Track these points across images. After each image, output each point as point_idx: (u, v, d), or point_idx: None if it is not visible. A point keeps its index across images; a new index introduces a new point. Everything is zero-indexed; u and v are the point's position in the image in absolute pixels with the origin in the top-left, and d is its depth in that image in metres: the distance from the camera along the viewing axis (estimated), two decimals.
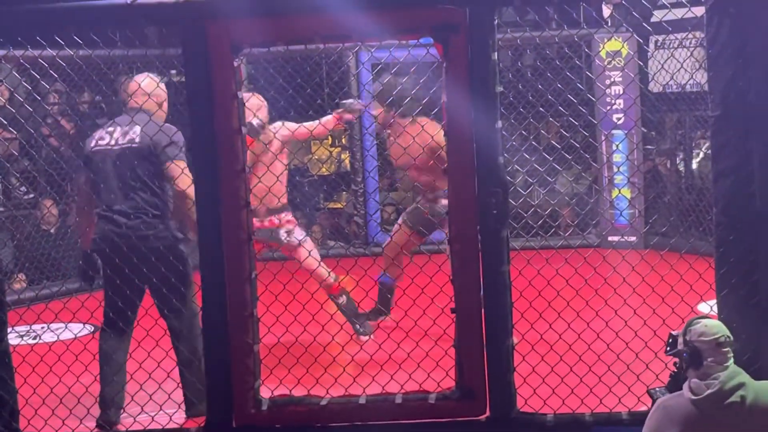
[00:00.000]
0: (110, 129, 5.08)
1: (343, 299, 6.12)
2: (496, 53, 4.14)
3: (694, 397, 3.27)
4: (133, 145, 4.95)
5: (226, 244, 4.28)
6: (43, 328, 6.83)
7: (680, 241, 7.35)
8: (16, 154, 8.07)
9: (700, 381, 3.30)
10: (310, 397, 4.39)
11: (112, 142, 5.02)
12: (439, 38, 4.18)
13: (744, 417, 3.26)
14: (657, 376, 4.26)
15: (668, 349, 3.51)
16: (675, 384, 3.54)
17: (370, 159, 9.63)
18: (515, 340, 4.31)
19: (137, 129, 4.96)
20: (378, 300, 6.19)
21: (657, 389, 3.65)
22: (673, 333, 3.50)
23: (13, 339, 5.06)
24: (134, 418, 4.71)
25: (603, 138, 8.85)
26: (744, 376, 3.32)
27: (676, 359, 3.51)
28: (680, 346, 3.37)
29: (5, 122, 5.27)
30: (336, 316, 4.91)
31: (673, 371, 3.59)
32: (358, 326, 6.07)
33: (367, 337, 5.91)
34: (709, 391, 3.25)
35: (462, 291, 4.22)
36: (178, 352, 4.97)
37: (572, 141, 5.88)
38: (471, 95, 4.14)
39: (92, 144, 5.08)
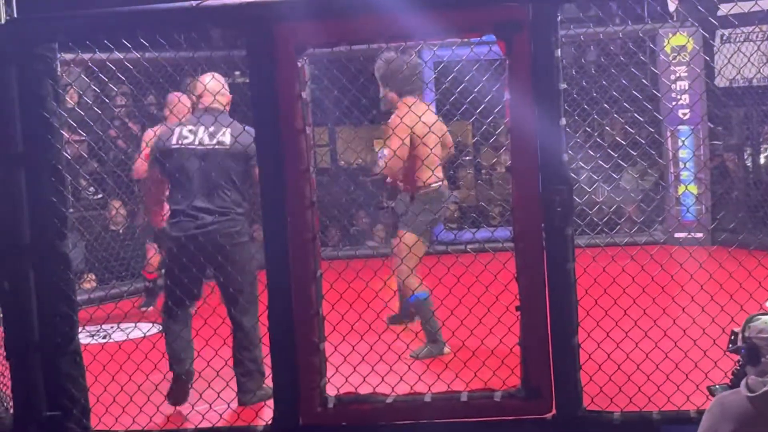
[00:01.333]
0: (192, 128, 5.20)
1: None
2: (559, 50, 4.13)
3: (750, 395, 3.23)
4: (224, 147, 5.09)
5: (291, 243, 4.32)
6: (113, 327, 6.94)
7: (749, 238, 7.26)
8: (85, 155, 8.20)
9: (758, 378, 3.25)
10: (376, 395, 4.41)
11: (196, 142, 5.16)
12: (502, 36, 4.17)
13: None
14: (726, 374, 4.20)
15: (730, 346, 3.48)
16: (737, 381, 3.50)
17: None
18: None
19: (226, 131, 5.09)
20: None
21: (717, 386, 3.61)
22: (735, 330, 3.46)
23: (83, 338, 5.13)
24: (203, 416, 4.76)
25: (669, 134, 8.77)
26: None
27: (739, 357, 3.47)
28: (739, 343, 3.33)
29: (74, 125, 5.36)
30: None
31: (736, 368, 3.55)
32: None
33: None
34: (765, 389, 3.21)
35: (527, 288, 4.21)
36: (244, 349, 5.06)
37: (637, 137, 5.83)
38: (534, 93, 4.13)
39: (174, 141, 5.19)
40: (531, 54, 4.11)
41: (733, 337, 3.45)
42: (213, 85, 5.25)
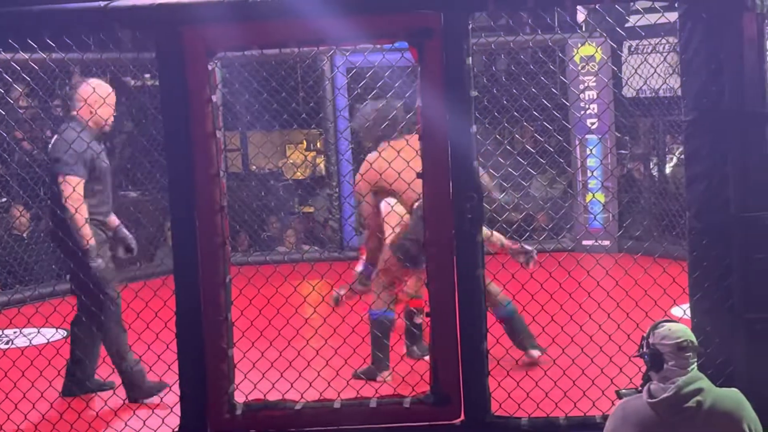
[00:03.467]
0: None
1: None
2: (470, 58, 4.15)
3: (650, 400, 3.29)
4: None
5: (200, 248, 4.27)
6: (15, 332, 6.78)
7: (654, 245, 7.39)
8: None
9: (660, 384, 3.31)
10: (285, 402, 4.38)
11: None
12: (414, 42, 4.18)
13: (700, 423, 3.26)
14: (631, 379, 4.28)
15: (639, 351, 3.53)
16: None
17: (345, 163, 9.63)
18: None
19: None
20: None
21: (624, 390, 3.68)
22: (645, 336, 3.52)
23: None
24: (107, 423, 4.69)
25: (577, 142, 8.89)
26: (704, 382, 3.31)
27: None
28: (644, 349, 3.38)
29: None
30: (311, 320, 4.90)
31: (645, 374, 3.60)
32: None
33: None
34: (665, 395, 3.27)
35: (437, 294, 4.23)
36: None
37: (546, 145, 5.89)
38: (445, 99, 4.15)
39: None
40: (443, 61, 4.13)
41: (643, 343, 3.50)
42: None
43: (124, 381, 5.16)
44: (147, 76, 9.29)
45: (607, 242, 8.58)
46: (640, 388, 3.61)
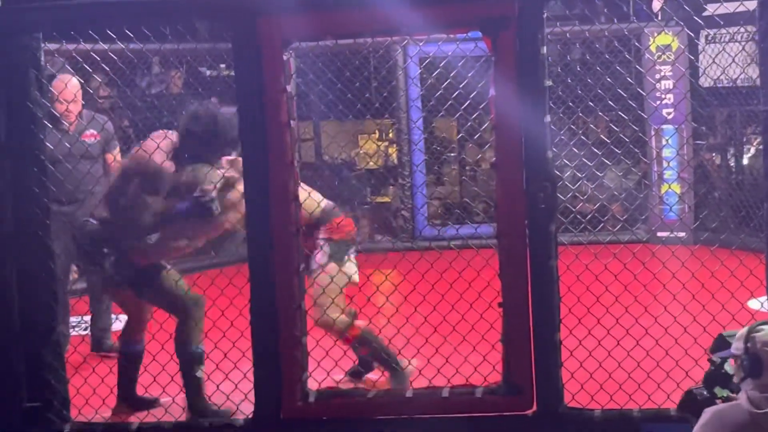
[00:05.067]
0: None
1: (364, 350, 5.17)
2: (545, 47, 4.13)
3: (755, 411, 3.06)
4: None
5: (275, 237, 4.31)
6: (78, 320, 6.91)
7: (730, 237, 7.28)
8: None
9: (761, 394, 3.09)
10: (357, 390, 4.42)
11: None
12: (488, 32, 4.17)
13: None
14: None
15: (714, 349, 3.41)
16: (709, 383, 3.45)
17: (418, 153, 9.64)
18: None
19: None
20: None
21: (698, 389, 3.55)
22: (724, 334, 3.38)
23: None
24: (183, 408, 4.75)
25: (653, 133, 8.79)
26: None
27: (712, 357, 3.40)
28: (737, 351, 3.17)
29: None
30: (383, 309, 4.92)
31: (711, 369, 3.48)
32: (393, 381, 5.10)
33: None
34: None
35: (509, 285, 4.21)
36: None
37: (622, 135, 5.84)
38: (519, 89, 4.13)
39: None
40: (517, 51, 4.11)
41: (719, 342, 3.37)
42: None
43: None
44: (222, 66, 9.39)
45: (682, 234, 8.48)
46: (703, 384, 3.50)
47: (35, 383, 4.49)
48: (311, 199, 5.09)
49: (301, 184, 4.83)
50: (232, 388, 4.90)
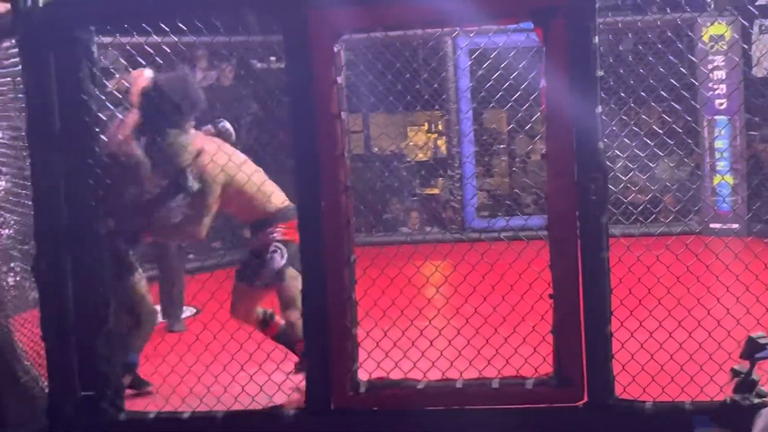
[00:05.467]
0: None
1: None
2: (596, 37, 4.10)
3: None
4: None
5: (325, 228, 4.33)
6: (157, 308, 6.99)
7: None
8: None
9: None
10: (408, 381, 4.42)
11: None
12: (539, 22, 4.15)
13: None
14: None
15: (748, 352, 3.35)
16: (742, 391, 3.39)
17: (468, 144, 9.63)
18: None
19: None
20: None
21: (739, 366, 3.52)
22: (753, 336, 3.33)
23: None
24: (235, 398, 4.79)
25: (705, 123, 8.71)
26: None
27: (735, 368, 3.35)
28: None
29: (112, 108, 5.38)
30: (434, 300, 4.93)
31: (741, 379, 3.43)
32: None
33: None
34: None
35: (560, 277, 4.20)
36: None
37: (674, 126, 5.79)
38: (571, 80, 4.11)
39: None
40: (568, 41, 4.09)
41: (750, 344, 3.33)
42: None
43: None
44: (273, 58, 9.44)
45: (735, 225, 8.40)
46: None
47: (89, 373, 4.55)
48: (277, 193, 5.25)
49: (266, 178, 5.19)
50: (284, 379, 4.94)
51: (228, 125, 5.40)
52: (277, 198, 5.29)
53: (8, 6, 4.56)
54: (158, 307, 7.15)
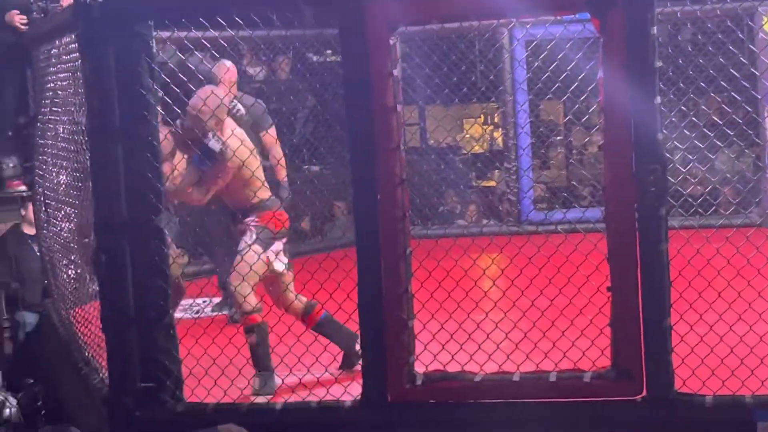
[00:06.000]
0: None
1: (253, 339, 5.39)
2: (654, 27, 4.06)
3: None
4: None
5: (381, 221, 4.33)
6: (205, 301, 7.06)
7: None
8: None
9: None
10: (464, 373, 4.41)
11: None
12: (597, 13, 4.11)
13: None
14: None
15: None
16: None
17: (524, 136, 9.59)
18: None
19: None
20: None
21: None
22: None
23: (177, 312, 5.23)
24: (293, 390, 4.82)
25: (766, 114, 8.58)
26: None
27: None
28: None
29: (170, 102, 5.44)
30: (490, 293, 4.92)
31: None
32: (258, 379, 5.35)
33: (265, 396, 5.21)
34: None
35: (618, 269, 4.17)
36: None
37: (734, 117, 5.71)
38: (628, 71, 4.07)
39: None
40: (626, 31, 4.05)
41: None
42: None
43: None
44: (329, 51, 9.46)
45: None
46: None
47: (149, 364, 4.60)
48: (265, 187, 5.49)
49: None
50: (340, 371, 4.96)
51: (240, 107, 5.67)
52: (263, 191, 5.52)
53: (71, 0, 4.63)
54: (216, 300, 7.25)
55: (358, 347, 5.20)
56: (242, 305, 5.33)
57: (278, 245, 5.46)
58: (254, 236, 5.40)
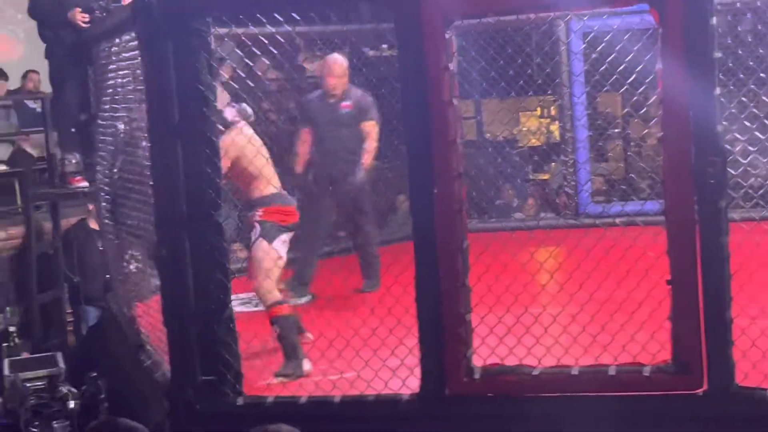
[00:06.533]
0: None
1: (279, 330, 5.48)
2: (714, 18, 4.02)
3: None
4: None
5: (438, 214, 4.33)
6: None
7: None
8: None
9: None
10: (522, 367, 4.40)
11: None
12: (655, 4, 4.08)
13: None
14: None
15: None
16: None
17: (581, 129, 9.52)
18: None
19: None
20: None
21: None
22: None
23: (236, 306, 5.27)
24: (351, 384, 4.84)
25: None
26: None
27: None
28: None
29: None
30: (549, 286, 4.90)
31: None
32: (286, 365, 5.44)
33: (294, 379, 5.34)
34: None
35: (678, 262, 4.13)
36: None
37: None
38: (687, 62, 4.03)
39: None
40: (685, 22, 4.02)
41: None
42: None
43: None
44: (385, 46, 9.47)
45: None
46: None
47: (209, 358, 4.65)
48: (274, 180, 5.66)
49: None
50: (398, 364, 4.96)
51: (247, 107, 5.74)
52: (268, 187, 5.65)
53: None
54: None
55: (307, 366, 5.39)
56: (267, 299, 5.48)
57: (283, 237, 5.61)
58: (258, 232, 5.56)
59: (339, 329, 5.11)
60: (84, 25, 7.37)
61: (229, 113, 5.53)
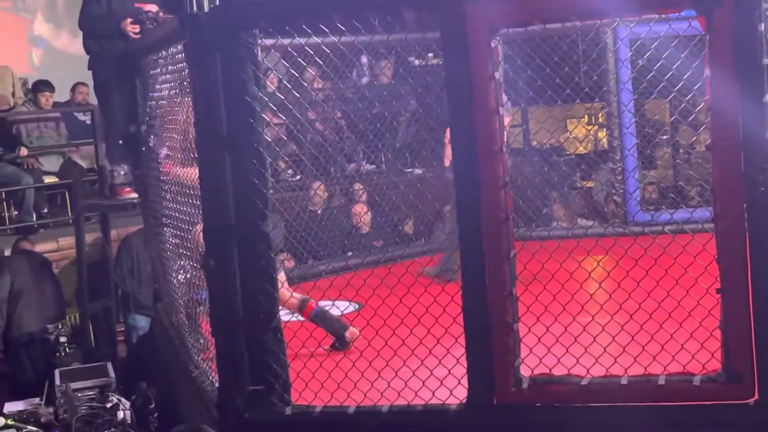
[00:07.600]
0: None
1: (318, 323, 6.14)
2: (762, 24, 3.98)
3: None
4: None
5: (485, 223, 4.33)
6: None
7: None
8: (285, 138, 8.43)
9: None
10: (571, 377, 4.38)
11: None
12: (702, 10, 4.05)
13: None
14: None
15: None
16: None
17: (629, 136, 9.46)
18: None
19: None
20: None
21: None
22: None
23: (284, 316, 5.30)
24: (398, 393, 4.84)
25: None
26: None
27: None
28: None
29: (275, 108, 5.54)
30: (596, 295, 4.87)
31: None
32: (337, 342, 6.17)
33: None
34: None
35: (728, 271, 4.09)
36: None
37: None
38: (736, 69, 4.00)
39: None
40: (733, 29, 3.98)
41: None
42: None
43: None
44: (430, 55, 9.48)
45: None
46: None
47: (257, 367, 4.67)
48: None
49: None
50: (446, 374, 4.96)
51: None
52: None
53: (155, 7, 4.74)
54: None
55: (348, 334, 6.12)
56: (293, 304, 5.96)
57: None
58: None
59: (386, 338, 5.11)
60: (135, 35, 7.46)
61: None
